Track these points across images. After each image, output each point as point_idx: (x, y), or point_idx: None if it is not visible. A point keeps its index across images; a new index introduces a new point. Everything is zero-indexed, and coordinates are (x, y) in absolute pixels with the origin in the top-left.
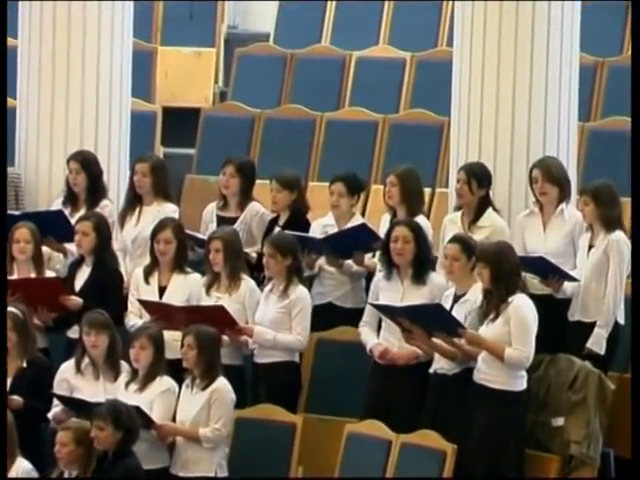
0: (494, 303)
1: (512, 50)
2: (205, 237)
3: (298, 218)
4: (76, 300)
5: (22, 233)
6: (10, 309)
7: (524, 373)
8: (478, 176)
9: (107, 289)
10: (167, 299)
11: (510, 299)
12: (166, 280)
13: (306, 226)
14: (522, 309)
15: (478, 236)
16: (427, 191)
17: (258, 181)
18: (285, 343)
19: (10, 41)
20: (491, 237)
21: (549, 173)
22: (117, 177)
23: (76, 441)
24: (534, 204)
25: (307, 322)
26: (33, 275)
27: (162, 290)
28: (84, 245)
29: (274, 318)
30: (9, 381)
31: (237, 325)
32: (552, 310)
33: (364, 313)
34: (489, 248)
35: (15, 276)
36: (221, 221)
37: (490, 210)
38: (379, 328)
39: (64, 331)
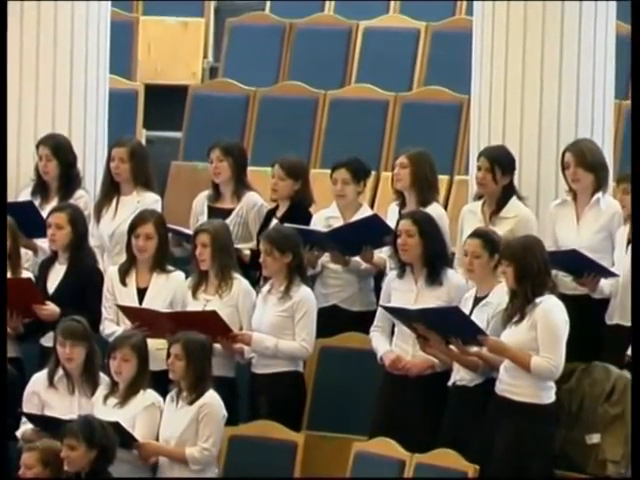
0: (519, 305)
1: (540, 18)
2: (189, 231)
3: (299, 211)
4: (51, 309)
5: None
6: None
7: (552, 384)
8: (502, 162)
9: (85, 290)
10: (148, 303)
11: (538, 300)
12: (145, 281)
13: (308, 220)
14: (551, 312)
15: (501, 228)
16: (444, 179)
17: (254, 168)
18: (288, 351)
19: None
20: (516, 229)
21: (583, 157)
22: (93, 164)
23: (43, 463)
24: (567, 193)
25: (313, 327)
26: (8, 275)
27: (141, 292)
28: (58, 240)
29: (274, 323)
30: None
31: (232, 332)
32: (587, 312)
33: (375, 317)
34: (514, 244)
35: None
36: (213, 213)
37: (514, 199)
38: (393, 334)
39: (37, 339)
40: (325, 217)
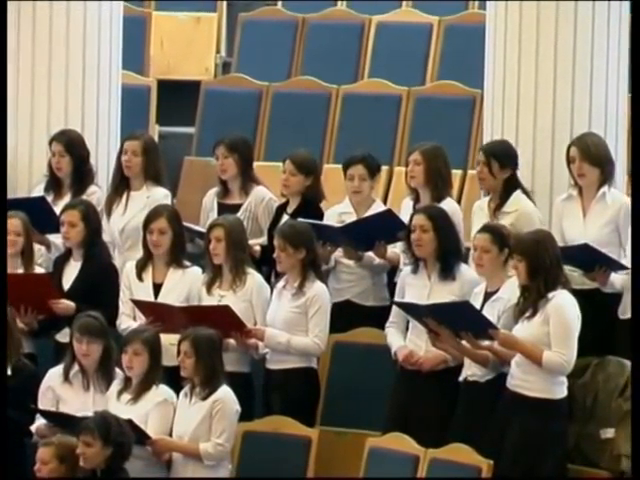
0: (531, 300)
1: (553, 12)
2: (202, 229)
3: (310, 206)
4: (67, 304)
5: (12, 224)
6: None
7: (564, 379)
8: (499, 156)
9: (100, 286)
10: (163, 298)
11: (550, 295)
12: (162, 276)
13: (318, 216)
14: (563, 307)
15: (504, 223)
16: (457, 173)
17: (266, 163)
18: (300, 347)
19: None
20: (517, 223)
21: (588, 152)
22: (106, 160)
23: (59, 458)
24: (572, 187)
25: (326, 323)
26: (20, 271)
27: (157, 288)
28: (72, 237)
29: (288, 318)
30: None
31: (245, 327)
32: (599, 307)
33: (391, 312)
34: (526, 239)
35: None
36: (223, 209)
37: (517, 193)
38: (408, 329)
39: (52, 335)
40: (338, 213)
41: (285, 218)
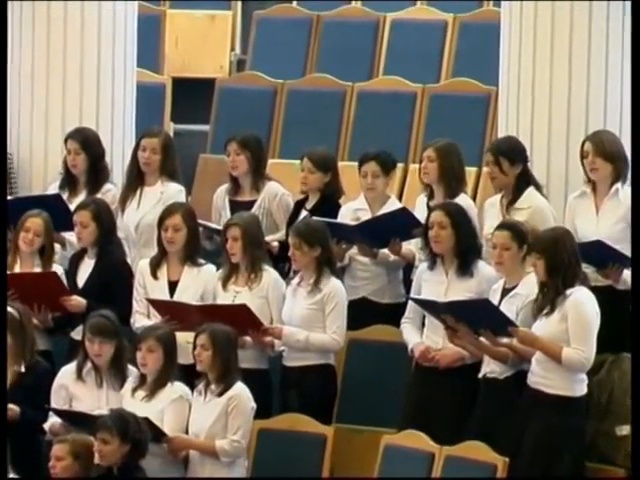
0: (550, 297)
1: (568, 9)
2: (218, 226)
3: (330, 202)
4: (78, 301)
5: (34, 223)
6: None
7: (584, 377)
8: (507, 153)
9: (114, 284)
10: (179, 296)
11: (568, 292)
12: (177, 274)
13: (338, 212)
14: (582, 304)
15: (517, 219)
16: (472, 170)
17: (281, 161)
18: (319, 344)
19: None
20: (530, 220)
21: (601, 147)
22: (121, 158)
23: (73, 455)
24: (586, 184)
25: (343, 319)
26: (38, 270)
27: (172, 285)
28: (84, 237)
29: (305, 316)
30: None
31: (262, 325)
32: (612, 304)
33: (406, 309)
34: (544, 236)
35: (17, 270)
36: (235, 206)
37: (530, 190)
38: (423, 325)
39: (67, 332)
40: (353, 209)
41: (304, 214)
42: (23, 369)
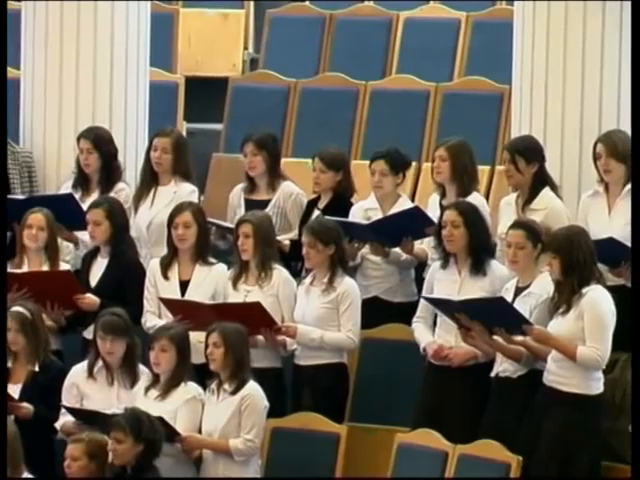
0: (565, 296)
1: (581, 7)
2: (231, 225)
3: (342, 202)
4: (91, 299)
5: (35, 219)
6: (17, 308)
7: (600, 375)
8: (523, 152)
9: (126, 283)
10: (191, 295)
11: (584, 290)
12: (188, 273)
13: (350, 210)
14: (598, 302)
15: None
16: (485, 169)
17: (294, 159)
18: (334, 342)
19: (12, 4)
20: (546, 221)
21: (614, 148)
22: (134, 157)
23: (89, 455)
24: (598, 184)
25: (358, 317)
26: (45, 268)
27: (184, 285)
28: (97, 236)
29: (319, 315)
30: (19, 387)
31: (275, 324)
32: (627, 303)
33: (418, 307)
34: (559, 235)
35: (25, 269)
36: (250, 205)
37: (546, 190)
38: (435, 324)
39: (79, 331)
40: (364, 208)
41: (316, 213)
42: (37, 368)
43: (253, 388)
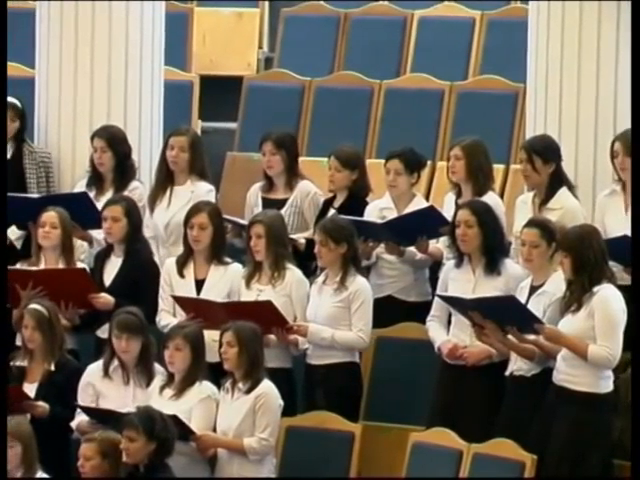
0: (576, 294)
1: (596, 6)
2: (245, 221)
3: (357, 200)
4: (106, 299)
5: (48, 217)
6: (34, 306)
7: (610, 373)
8: (540, 151)
9: (141, 282)
10: (206, 294)
11: (595, 289)
12: (203, 272)
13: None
14: (609, 301)
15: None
16: (500, 168)
17: (309, 158)
18: (345, 342)
19: (27, 3)
20: (561, 221)
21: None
22: (149, 156)
23: (102, 454)
24: (615, 182)
25: (369, 317)
26: (61, 266)
27: (199, 284)
28: (115, 233)
29: (331, 314)
30: (35, 386)
31: (287, 323)
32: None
33: (432, 306)
34: (571, 234)
35: (42, 267)
36: (267, 204)
37: (563, 190)
38: (450, 323)
39: (93, 330)
40: (379, 208)
41: (332, 212)
42: (53, 367)
43: (267, 387)
